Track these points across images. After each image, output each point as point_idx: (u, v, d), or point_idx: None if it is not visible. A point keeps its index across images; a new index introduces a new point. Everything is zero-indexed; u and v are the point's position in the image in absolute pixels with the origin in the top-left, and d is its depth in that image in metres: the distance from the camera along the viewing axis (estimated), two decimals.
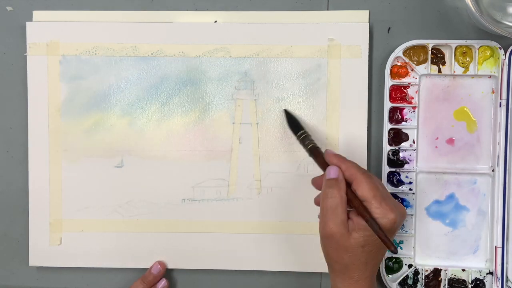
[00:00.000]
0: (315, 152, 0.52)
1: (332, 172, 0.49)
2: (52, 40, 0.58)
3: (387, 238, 0.46)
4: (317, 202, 0.53)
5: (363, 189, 0.47)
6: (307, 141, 0.53)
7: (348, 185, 0.49)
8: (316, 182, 0.53)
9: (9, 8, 0.59)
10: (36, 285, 0.60)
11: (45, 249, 0.58)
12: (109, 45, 0.57)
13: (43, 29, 0.58)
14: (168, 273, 0.59)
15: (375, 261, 0.49)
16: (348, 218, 0.48)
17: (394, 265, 0.57)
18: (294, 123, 0.56)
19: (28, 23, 0.58)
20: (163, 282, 0.58)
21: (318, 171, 0.51)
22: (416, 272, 0.57)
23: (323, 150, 0.52)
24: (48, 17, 0.58)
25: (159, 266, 0.58)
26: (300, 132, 0.54)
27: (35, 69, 0.58)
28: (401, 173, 0.57)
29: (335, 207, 0.48)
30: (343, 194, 0.48)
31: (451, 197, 0.58)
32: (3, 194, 0.59)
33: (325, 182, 0.49)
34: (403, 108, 0.57)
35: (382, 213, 0.47)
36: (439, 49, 0.57)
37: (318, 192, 0.51)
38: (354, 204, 0.48)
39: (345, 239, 0.47)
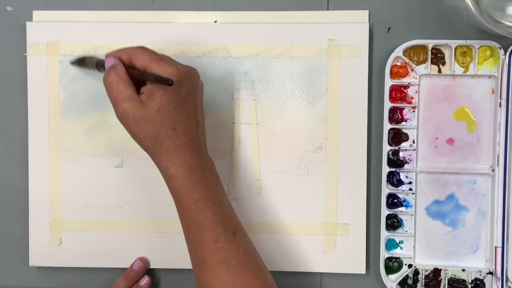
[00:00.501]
0: (102, 63, 0.52)
1: (107, 62, 0.50)
2: (52, 40, 0.57)
3: (159, 77, 0.47)
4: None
5: (140, 58, 0.48)
6: (93, 60, 0.54)
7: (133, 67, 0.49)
8: None
9: (9, 8, 0.59)
10: (36, 285, 0.60)
11: (45, 249, 0.58)
12: (109, 45, 0.57)
13: (43, 29, 0.58)
14: (168, 273, 0.59)
15: (184, 125, 0.49)
16: (142, 94, 0.48)
17: (394, 265, 0.57)
18: (79, 62, 0.56)
19: (28, 23, 0.58)
20: (146, 279, 0.58)
21: (319, 171, 0.51)
22: (416, 272, 0.57)
23: (322, 150, 0.52)
24: (48, 17, 0.58)
25: (140, 262, 0.58)
26: (88, 58, 0.54)
27: (35, 69, 0.58)
28: (401, 173, 0.57)
29: (117, 86, 0.48)
30: (122, 73, 0.48)
31: (451, 197, 0.58)
32: (3, 194, 0.59)
33: (104, 76, 0.49)
34: (403, 108, 0.57)
35: (161, 69, 0.47)
36: (439, 49, 0.57)
37: None
38: (138, 76, 0.48)
39: (140, 110, 0.47)
